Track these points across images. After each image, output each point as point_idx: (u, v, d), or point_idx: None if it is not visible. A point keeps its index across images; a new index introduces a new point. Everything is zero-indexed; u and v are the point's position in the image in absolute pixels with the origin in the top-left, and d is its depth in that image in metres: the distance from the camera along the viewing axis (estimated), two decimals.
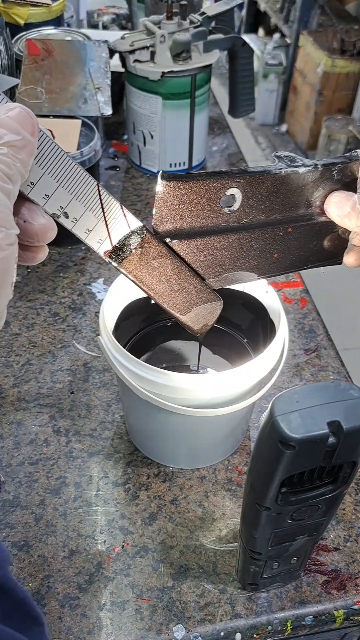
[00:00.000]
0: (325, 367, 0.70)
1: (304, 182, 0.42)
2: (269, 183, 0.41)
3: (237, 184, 0.40)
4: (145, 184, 0.98)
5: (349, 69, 2.56)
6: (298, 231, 0.45)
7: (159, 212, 0.40)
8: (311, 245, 0.46)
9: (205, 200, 0.40)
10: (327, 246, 0.47)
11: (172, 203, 0.40)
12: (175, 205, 0.40)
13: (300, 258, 0.47)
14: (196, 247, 0.42)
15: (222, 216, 0.42)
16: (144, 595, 0.50)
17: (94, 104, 0.83)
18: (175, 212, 0.40)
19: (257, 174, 0.40)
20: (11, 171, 0.29)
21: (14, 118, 0.30)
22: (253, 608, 0.49)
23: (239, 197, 0.41)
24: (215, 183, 0.40)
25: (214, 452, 0.59)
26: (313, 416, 0.33)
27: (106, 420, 0.63)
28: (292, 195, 0.43)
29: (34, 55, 0.85)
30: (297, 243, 0.46)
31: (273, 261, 0.46)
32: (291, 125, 2.95)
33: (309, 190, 0.43)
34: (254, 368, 0.48)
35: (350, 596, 0.50)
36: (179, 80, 0.87)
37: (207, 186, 0.40)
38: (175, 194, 0.39)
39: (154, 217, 0.40)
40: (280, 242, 0.45)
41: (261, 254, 0.45)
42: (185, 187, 0.39)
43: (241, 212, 0.42)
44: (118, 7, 1.32)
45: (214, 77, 1.76)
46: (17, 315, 0.74)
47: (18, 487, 0.56)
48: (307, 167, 0.41)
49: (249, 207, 0.42)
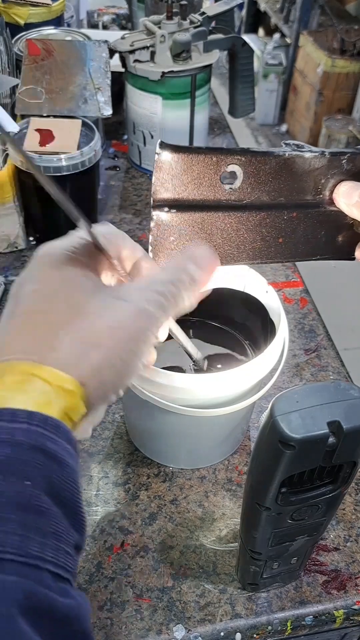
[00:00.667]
0: (325, 367, 0.70)
1: (310, 167, 0.42)
2: (272, 164, 0.41)
3: (238, 161, 0.40)
4: (145, 184, 0.98)
5: (349, 69, 2.56)
6: (304, 218, 0.45)
7: (158, 180, 0.40)
8: (320, 236, 0.46)
9: (205, 173, 0.40)
10: (339, 240, 0.47)
11: (171, 172, 0.40)
12: (174, 174, 0.40)
13: (309, 247, 0.47)
14: (195, 220, 0.42)
15: (223, 193, 0.42)
16: (144, 595, 0.50)
17: (94, 104, 0.83)
18: (174, 181, 0.40)
19: (258, 153, 0.41)
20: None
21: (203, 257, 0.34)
22: (253, 608, 0.49)
23: (240, 175, 0.41)
24: (215, 157, 0.40)
25: (214, 452, 0.59)
26: (313, 416, 0.33)
27: (106, 420, 0.63)
28: (297, 180, 0.42)
29: (34, 55, 0.85)
30: (304, 230, 0.45)
31: (278, 246, 0.46)
32: (291, 125, 2.95)
33: (316, 177, 0.43)
34: (254, 368, 0.48)
35: (350, 596, 0.50)
36: (179, 80, 0.87)
37: (207, 160, 0.40)
38: (175, 164, 0.39)
39: (153, 185, 0.40)
40: (285, 226, 0.45)
41: (265, 236, 0.45)
42: (184, 158, 0.39)
43: (243, 191, 0.42)
44: (118, 7, 1.32)
45: (214, 77, 1.76)
46: None
47: None
48: (313, 152, 0.41)
49: (250, 186, 0.42)
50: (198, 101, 0.90)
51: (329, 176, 0.43)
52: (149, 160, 0.97)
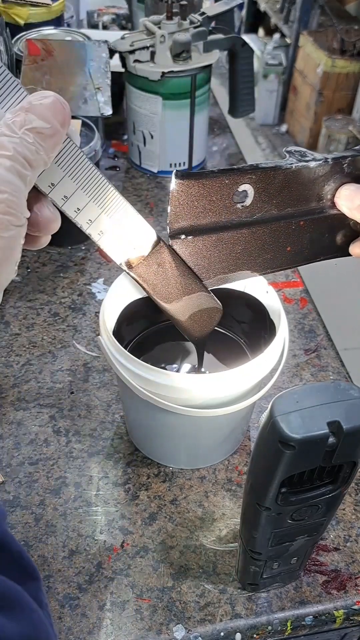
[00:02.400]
0: (325, 367, 0.70)
1: (315, 176, 0.43)
2: (280, 178, 0.42)
3: (249, 180, 0.41)
4: (145, 184, 0.98)
5: (349, 69, 2.56)
6: (310, 224, 0.45)
7: (174, 210, 0.41)
8: (323, 238, 0.47)
9: (219, 196, 0.41)
10: (339, 239, 0.47)
11: (186, 201, 0.41)
12: (189, 203, 0.41)
13: (313, 251, 0.47)
14: (210, 242, 0.43)
15: (235, 212, 0.42)
16: (144, 595, 0.50)
17: (94, 104, 0.83)
18: (190, 209, 0.41)
19: (268, 170, 0.41)
20: (33, 157, 0.29)
21: (46, 106, 0.30)
22: (253, 608, 0.49)
23: (251, 193, 0.42)
24: (228, 180, 0.40)
25: (214, 452, 0.59)
26: (313, 416, 0.33)
27: (106, 420, 0.63)
28: (303, 189, 0.43)
29: (34, 55, 0.85)
30: (310, 236, 0.46)
31: (286, 254, 0.47)
32: (291, 125, 2.95)
33: (320, 184, 0.43)
34: (254, 368, 0.48)
35: (350, 596, 0.50)
36: (179, 80, 0.87)
37: (220, 183, 0.40)
38: (189, 192, 0.40)
39: (169, 215, 0.41)
40: (293, 235, 0.46)
41: (275, 247, 0.46)
42: (199, 185, 0.40)
43: (254, 207, 0.43)
44: (118, 7, 1.32)
45: (214, 77, 1.75)
46: (17, 315, 0.74)
47: (18, 487, 0.56)
48: (317, 161, 0.42)
49: (261, 202, 0.43)
50: (198, 101, 0.90)
51: (331, 180, 0.43)
52: (149, 160, 0.97)
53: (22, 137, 0.29)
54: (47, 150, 0.30)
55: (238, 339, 0.62)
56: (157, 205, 0.93)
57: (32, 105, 0.30)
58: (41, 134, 0.30)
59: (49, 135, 0.30)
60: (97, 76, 0.86)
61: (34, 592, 0.29)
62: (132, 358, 0.48)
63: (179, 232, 0.42)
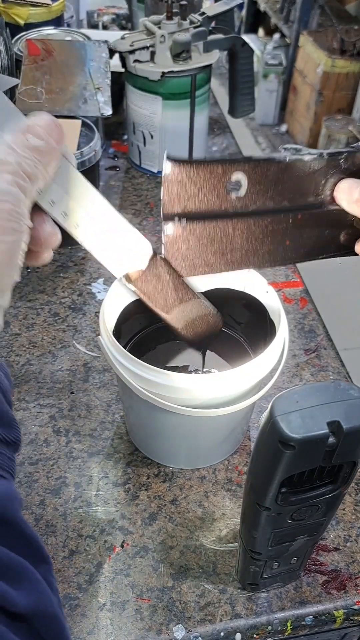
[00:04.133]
0: (325, 367, 0.70)
1: (310, 169, 0.43)
2: (274, 170, 0.42)
3: (242, 169, 0.41)
4: (145, 184, 0.98)
5: (349, 69, 2.56)
6: (309, 219, 0.46)
7: (167, 191, 0.41)
8: (324, 235, 0.47)
9: (211, 184, 0.41)
10: (343, 237, 0.47)
11: (178, 184, 0.41)
12: (182, 186, 0.41)
13: (315, 247, 0.48)
14: (205, 230, 0.44)
15: (230, 202, 0.43)
16: (144, 595, 0.50)
17: (94, 104, 0.83)
18: (183, 193, 0.42)
19: (261, 161, 0.42)
20: (31, 170, 0.32)
21: (42, 126, 0.34)
22: (253, 608, 0.49)
23: (244, 183, 0.42)
24: (220, 168, 0.41)
25: (214, 452, 0.59)
26: (313, 416, 0.33)
27: (106, 420, 0.63)
28: (299, 183, 0.43)
29: (34, 55, 0.85)
30: (309, 231, 0.46)
31: (286, 248, 0.47)
32: (291, 125, 2.95)
33: (316, 179, 0.44)
34: (254, 368, 0.48)
35: (350, 596, 0.50)
36: (179, 80, 0.87)
37: (212, 170, 0.41)
38: (181, 176, 0.41)
39: (163, 197, 0.42)
40: (291, 229, 0.46)
41: (273, 240, 0.46)
42: (191, 170, 0.41)
43: (248, 199, 0.43)
44: (118, 7, 1.32)
45: (214, 77, 1.76)
46: (17, 315, 0.74)
47: (18, 487, 0.56)
48: (312, 155, 0.42)
49: (255, 193, 0.43)
50: (198, 101, 0.90)
51: (329, 176, 0.44)
52: (149, 160, 0.97)
53: (22, 154, 0.33)
54: (45, 164, 0.34)
55: (239, 337, 0.62)
56: (157, 205, 0.93)
57: (29, 127, 0.34)
58: (38, 150, 0.33)
59: (46, 152, 0.33)
60: (97, 76, 0.86)
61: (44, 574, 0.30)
62: (132, 358, 0.48)
63: (173, 216, 0.42)
